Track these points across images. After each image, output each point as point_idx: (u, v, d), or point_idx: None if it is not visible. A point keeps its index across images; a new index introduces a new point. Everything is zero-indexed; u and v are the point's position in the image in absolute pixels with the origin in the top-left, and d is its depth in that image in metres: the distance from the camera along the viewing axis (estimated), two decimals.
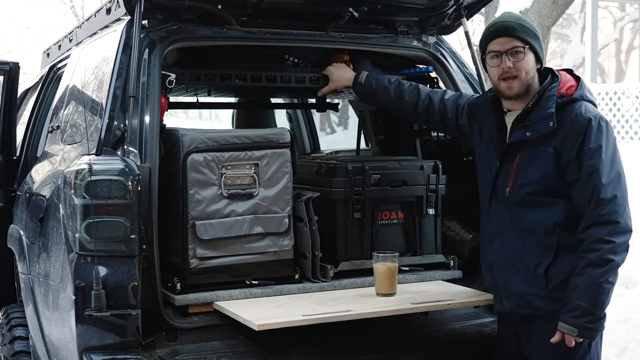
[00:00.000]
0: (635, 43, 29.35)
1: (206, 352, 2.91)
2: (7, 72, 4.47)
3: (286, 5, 3.38)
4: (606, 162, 2.64)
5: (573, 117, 2.69)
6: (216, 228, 3.07)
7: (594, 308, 2.60)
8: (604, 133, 2.67)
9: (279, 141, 3.20)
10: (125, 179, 2.77)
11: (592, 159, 2.64)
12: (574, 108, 2.71)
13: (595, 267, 2.59)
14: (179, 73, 3.30)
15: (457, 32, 3.91)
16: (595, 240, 2.61)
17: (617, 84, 14.16)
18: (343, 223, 3.31)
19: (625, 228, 2.62)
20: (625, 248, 2.63)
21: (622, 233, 2.61)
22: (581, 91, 2.76)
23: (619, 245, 2.60)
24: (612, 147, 2.68)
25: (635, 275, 5.95)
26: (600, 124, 2.67)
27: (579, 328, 2.60)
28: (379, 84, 3.32)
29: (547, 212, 2.72)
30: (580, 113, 2.69)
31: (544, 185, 2.73)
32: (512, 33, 2.76)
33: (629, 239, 2.64)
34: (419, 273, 3.42)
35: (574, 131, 2.67)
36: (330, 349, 3.03)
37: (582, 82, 2.80)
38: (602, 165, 2.64)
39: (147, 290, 2.83)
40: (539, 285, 2.74)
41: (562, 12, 7.95)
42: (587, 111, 2.69)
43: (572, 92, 2.75)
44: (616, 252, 2.60)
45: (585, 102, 2.73)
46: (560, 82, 2.78)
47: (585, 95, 2.76)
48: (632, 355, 4.76)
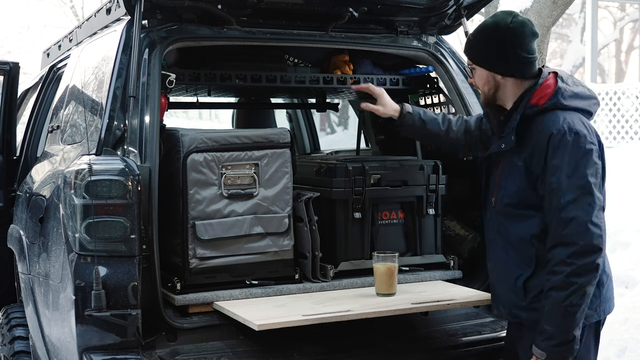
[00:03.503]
0: (635, 43, 29.35)
1: (206, 352, 2.91)
2: (7, 72, 4.47)
3: (286, 5, 3.38)
4: (566, 180, 2.52)
5: (539, 129, 2.60)
6: (216, 228, 3.07)
7: (559, 331, 2.53)
8: (568, 147, 2.53)
9: (279, 141, 3.20)
10: (125, 179, 2.77)
11: (553, 176, 2.54)
12: (542, 119, 2.61)
13: (558, 290, 2.52)
14: (179, 73, 3.30)
15: (457, 32, 3.91)
16: (557, 263, 2.53)
17: (617, 84, 14.17)
18: (343, 223, 3.31)
19: (587, 249, 2.49)
20: (591, 269, 2.50)
21: (584, 254, 2.49)
22: (554, 100, 2.62)
23: (581, 267, 2.49)
24: (576, 163, 2.53)
25: (635, 275, 5.95)
26: (564, 138, 2.54)
27: (547, 352, 2.55)
28: (427, 115, 3.15)
29: (525, 225, 2.67)
30: (545, 125, 2.58)
31: (520, 198, 2.67)
32: (465, 50, 2.80)
33: (595, 259, 2.50)
34: (419, 273, 3.42)
35: (538, 145, 2.59)
36: (330, 349, 3.03)
37: (559, 89, 2.64)
38: (561, 184, 2.52)
39: (147, 290, 2.83)
40: (519, 296, 2.72)
41: (562, 12, 7.95)
42: (553, 123, 2.57)
43: (544, 101, 2.63)
44: (580, 274, 2.50)
45: (557, 112, 2.60)
46: (536, 90, 2.66)
47: (559, 103, 2.62)
48: (632, 355, 4.76)
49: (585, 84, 2.76)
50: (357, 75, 3.71)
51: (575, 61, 19.27)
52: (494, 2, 7.84)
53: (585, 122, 2.62)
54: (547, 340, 2.54)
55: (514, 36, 2.68)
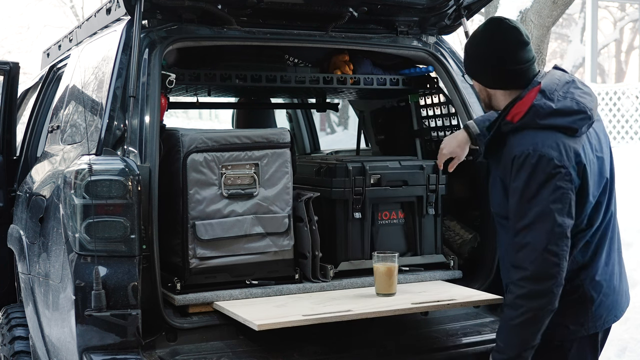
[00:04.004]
0: (635, 43, 29.35)
1: (206, 352, 2.91)
2: (7, 72, 4.47)
3: (286, 5, 3.38)
4: (524, 204, 2.46)
5: (507, 147, 2.55)
6: (216, 228, 3.07)
7: (507, 347, 2.51)
8: (529, 170, 2.45)
9: (279, 141, 3.20)
10: (125, 179, 2.77)
11: (512, 197, 2.51)
12: (513, 138, 2.54)
13: (509, 308, 2.51)
14: (179, 73, 3.30)
15: (457, 32, 3.91)
16: (512, 282, 2.52)
17: (617, 84, 14.16)
18: (343, 223, 3.31)
19: (539, 276, 2.44)
20: (541, 294, 2.44)
21: (535, 280, 2.44)
22: (526, 119, 2.52)
23: (532, 291, 2.45)
24: (537, 187, 2.44)
25: (636, 276, 5.95)
26: (526, 160, 2.46)
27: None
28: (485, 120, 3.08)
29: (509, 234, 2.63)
30: (512, 145, 2.52)
31: (502, 209, 2.65)
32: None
33: (547, 286, 2.44)
34: (419, 273, 3.42)
35: (505, 165, 2.56)
36: (330, 349, 3.03)
37: (533, 107, 2.52)
38: (519, 207, 2.48)
39: (147, 290, 2.83)
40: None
41: (562, 12, 7.93)
42: (518, 144, 2.50)
43: (518, 118, 2.54)
44: (530, 297, 2.45)
45: (528, 132, 2.51)
46: (516, 104, 2.57)
47: (533, 122, 2.51)
48: (632, 355, 4.76)
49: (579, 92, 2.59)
50: (357, 75, 3.71)
51: (575, 61, 19.26)
52: (494, 2, 7.83)
53: (560, 143, 2.49)
54: (496, 352, 2.55)
55: (497, 51, 2.63)
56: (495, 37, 2.64)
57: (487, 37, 2.67)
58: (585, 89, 2.62)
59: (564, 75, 2.65)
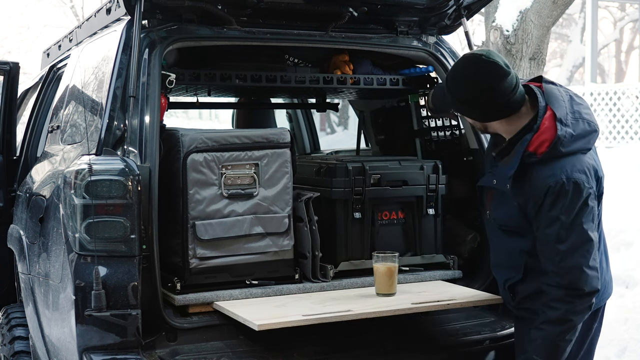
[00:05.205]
0: (635, 43, 29.34)
1: (206, 352, 2.91)
2: (7, 72, 4.47)
3: (286, 5, 3.38)
4: (565, 232, 2.53)
5: (536, 179, 2.57)
6: (216, 228, 3.07)
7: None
8: (568, 198, 2.51)
9: (279, 141, 3.20)
10: (125, 179, 2.77)
11: (550, 227, 2.55)
12: (540, 169, 2.57)
13: (553, 325, 2.56)
14: (179, 73, 3.30)
15: (457, 32, 3.91)
16: (555, 299, 2.56)
17: (617, 84, 14.17)
18: (343, 223, 3.31)
19: (589, 292, 2.55)
20: (586, 307, 2.57)
21: (583, 296, 2.55)
22: (554, 151, 2.55)
23: (579, 306, 2.55)
24: (575, 213, 2.52)
25: (635, 275, 5.95)
26: (562, 189, 2.51)
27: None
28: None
29: (515, 240, 2.72)
30: (543, 177, 2.55)
31: (513, 223, 2.71)
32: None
33: (592, 299, 2.57)
34: (419, 273, 3.42)
35: (534, 195, 2.57)
36: (330, 349, 3.03)
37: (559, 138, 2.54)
38: (560, 235, 2.53)
39: (147, 290, 2.83)
40: (507, 298, 2.84)
41: (562, 12, 7.94)
42: (551, 175, 2.54)
43: (543, 150, 2.56)
44: (576, 312, 2.56)
45: (555, 161, 2.55)
46: (534, 136, 2.58)
47: (559, 151, 2.55)
48: (632, 355, 4.76)
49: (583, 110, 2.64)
50: (357, 75, 3.71)
51: (575, 61, 19.28)
52: (494, 2, 7.82)
53: (584, 164, 2.57)
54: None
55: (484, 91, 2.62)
56: (477, 78, 2.62)
57: (469, 79, 2.64)
58: (582, 102, 2.69)
59: (560, 92, 2.67)
